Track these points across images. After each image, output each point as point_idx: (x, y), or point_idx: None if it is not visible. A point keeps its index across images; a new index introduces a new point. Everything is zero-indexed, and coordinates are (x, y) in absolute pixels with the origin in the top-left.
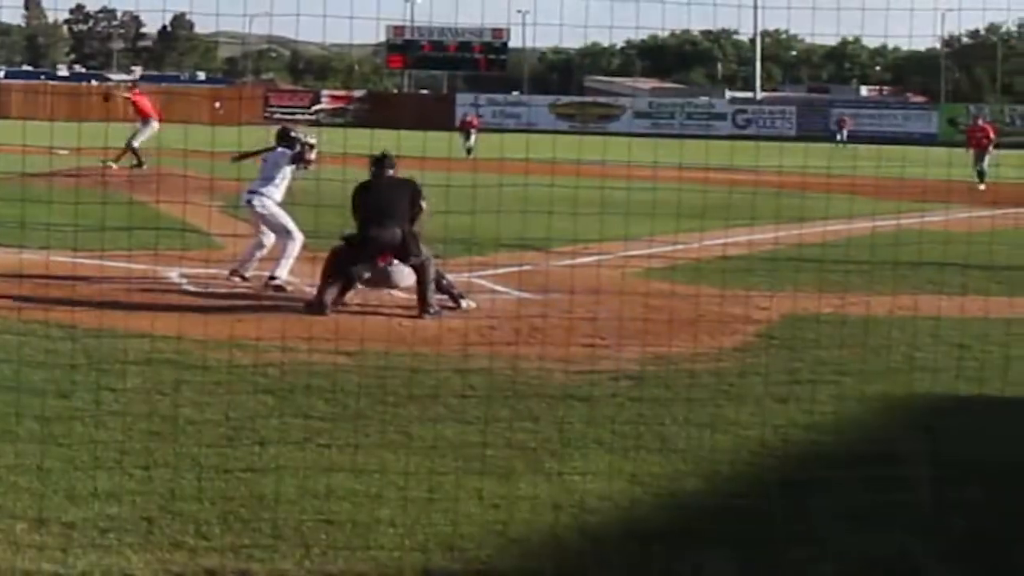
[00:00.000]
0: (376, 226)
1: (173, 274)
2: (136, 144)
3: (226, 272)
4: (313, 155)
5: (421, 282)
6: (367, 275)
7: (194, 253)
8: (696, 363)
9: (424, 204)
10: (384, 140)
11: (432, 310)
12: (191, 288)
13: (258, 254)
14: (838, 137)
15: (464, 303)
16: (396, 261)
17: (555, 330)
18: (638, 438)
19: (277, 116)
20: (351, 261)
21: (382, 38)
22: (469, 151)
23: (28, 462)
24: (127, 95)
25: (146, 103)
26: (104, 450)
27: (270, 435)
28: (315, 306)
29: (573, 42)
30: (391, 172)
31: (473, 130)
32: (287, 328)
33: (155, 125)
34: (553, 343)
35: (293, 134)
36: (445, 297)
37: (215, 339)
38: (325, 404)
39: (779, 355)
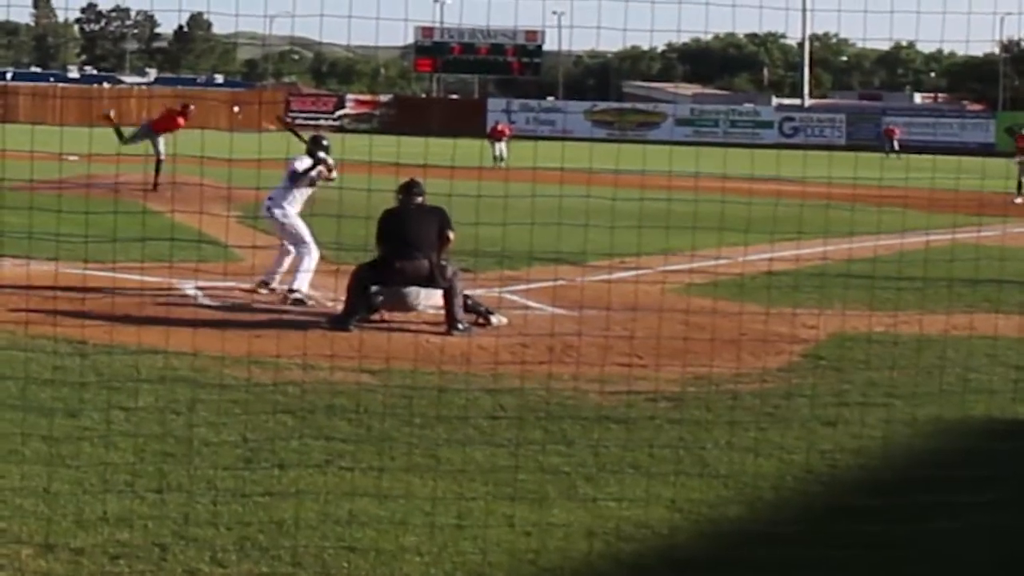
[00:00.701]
0: (402, 257)
1: (188, 287)
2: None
3: (248, 284)
4: (334, 174)
5: (448, 298)
6: (381, 298)
7: (210, 265)
8: (739, 384)
9: (451, 235)
10: (412, 147)
11: (461, 327)
12: (207, 302)
13: (285, 263)
14: (887, 148)
15: (495, 319)
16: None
17: (590, 348)
18: (677, 462)
19: (299, 121)
20: (372, 283)
21: (410, 40)
22: (499, 160)
23: (35, 484)
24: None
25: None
26: (114, 472)
27: (290, 457)
28: (339, 322)
29: (611, 45)
30: (420, 200)
31: (504, 139)
32: (308, 344)
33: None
34: (588, 362)
35: (325, 143)
36: (473, 316)
37: (232, 356)
38: (348, 425)
39: (827, 376)
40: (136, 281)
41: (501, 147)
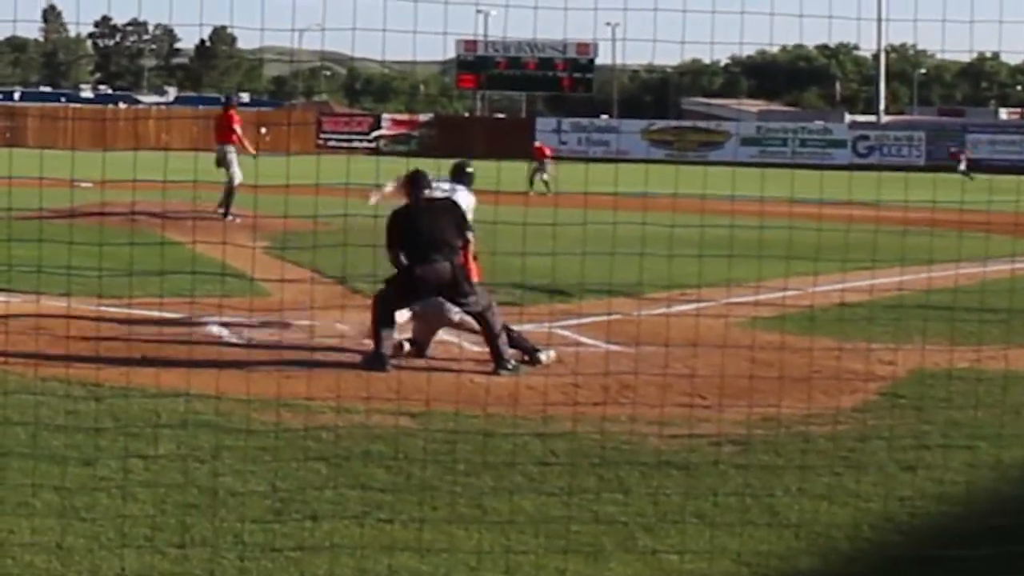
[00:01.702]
0: (421, 263)
1: (211, 324)
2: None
3: (272, 319)
4: (372, 200)
5: (489, 333)
6: (416, 309)
7: (235, 300)
8: (810, 426)
9: (471, 235)
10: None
11: (509, 365)
12: (232, 340)
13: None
14: (959, 168)
15: (543, 355)
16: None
17: (648, 388)
18: (744, 511)
19: (332, 143)
20: (398, 303)
21: (451, 54)
22: (545, 183)
23: (47, 539)
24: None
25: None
26: (133, 526)
27: (323, 509)
28: (373, 361)
29: (669, 58)
30: (428, 193)
31: (547, 161)
32: (342, 385)
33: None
34: (646, 403)
35: (469, 170)
36: (519, 352)
37: (260, 398)
38: (386, 473)
39: (905, 416)
40: (155, 317)
41: (546, 169)
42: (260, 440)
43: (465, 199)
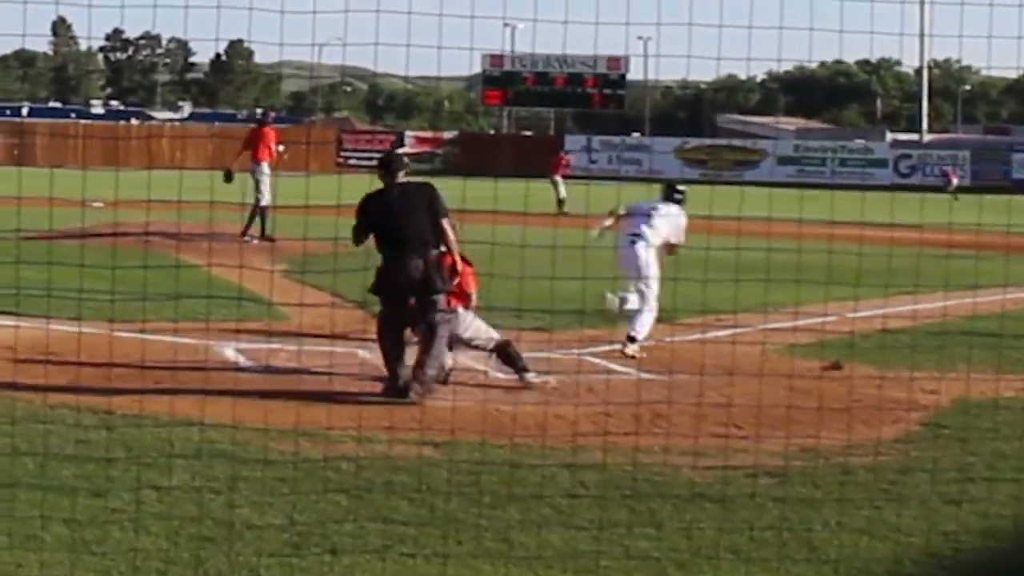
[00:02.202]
0: (391, 259)
1: (228, 350)
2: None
3: (290, 346)
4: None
5: (427, 349)
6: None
7: (252, 324)
8: (850, 457)
9: (446, 224)
10: (479, 190)
11: (413, 394)
12: (249, 366)
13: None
14: (949, 188)
15: (533, 376)
16: (460, 308)
17: (682, 417)
18: (781, 546)
19: (352, 162)
20: (394, 317)
21: (477, 69)
22: (560, 202)
23: (56, 574)
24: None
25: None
26: (146, 559)
27: (343, 542)
28: (392, 388)
29: (704, 74)
30: (402, 176)
31: (559, 177)
32: (363, 414)
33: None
34: (680, 433)
35: (682, 188)
36: (510, 369)
37: (277, 427)
38: (409, 505)
39: (949, 448)
40: (168, 343)
41: (559, 185)
42: (278, 471)
43: (677, 220)
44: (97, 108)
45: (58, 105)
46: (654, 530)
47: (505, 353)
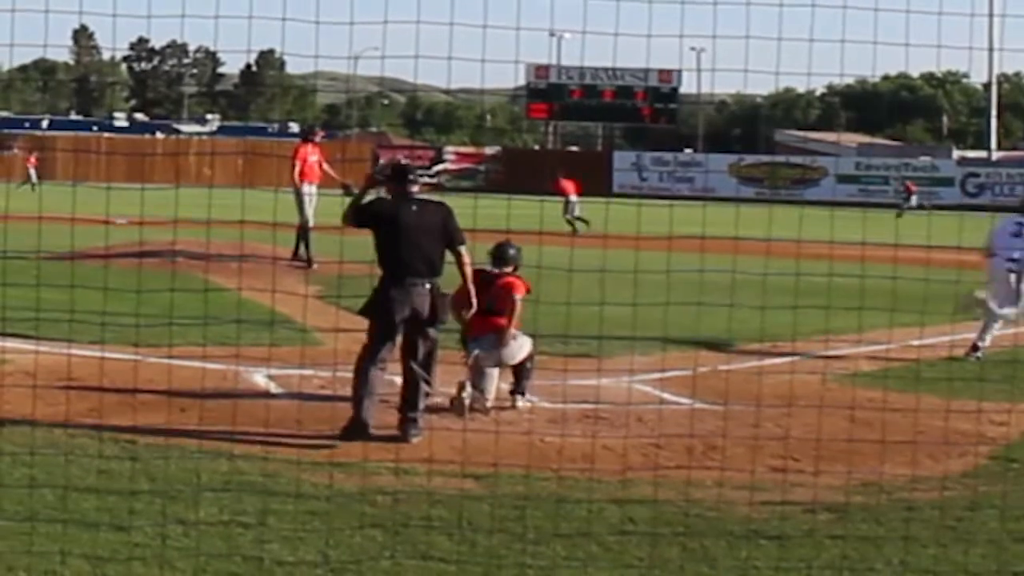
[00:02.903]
0: (395, 283)
1: (258, 376)
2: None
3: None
4: None
5: (415, 381)
6: (477, 352)
7: (285, 350)
8: (914, 492)
9: (464, 251)
10: (523, 209)
11: (416, 426)
12: (280, 393)
13: (995, 326)
14: (904, 205)
15: (520, 401)
16: (517, 333)
17: (737, 449)
18: None
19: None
20: (379, 344)
21: (521, 81)
22: (570, 222)
23: None
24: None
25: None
26: None
27: None
28: (356, 428)
29: (760, 87)
30: (416, 191)
31: (573, 197)
32: (401, 444)
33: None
34: (735, 466)
35: None
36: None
37: (310, 458)
38: (449, 541)
39: (1020, 483)
40: (196, 369)
41: (572, 207)
42: (311, 504)
43: None
44: (121, 121)
45: (80, 118)
46: (707, 568)
47: (522, 366)
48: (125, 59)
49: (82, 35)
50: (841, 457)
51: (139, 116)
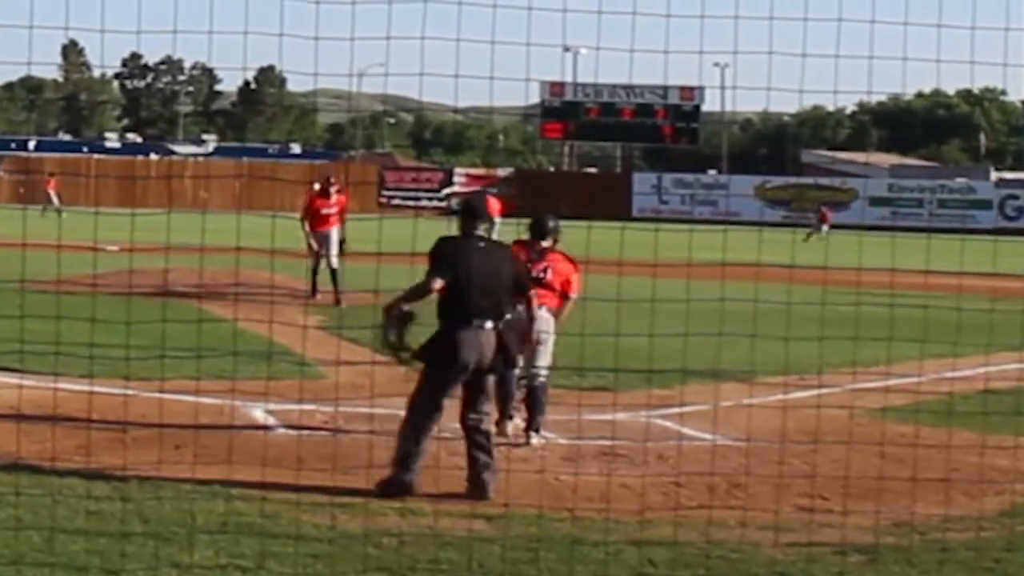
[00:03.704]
0: (460, 324)
1: (256, 411)
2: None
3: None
4: None
5: (484, 437)
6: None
7: (284, 384)
8: (948, 532)
9: (532, 294)
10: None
11: (493, 477)
12: (280, 429)
13: None
14: (814, 229)
15: (535, 439)
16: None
17: (761, 488)
18: None
19: (396, 202)
20: (440, 393)
21: (535, 99)
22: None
23: None
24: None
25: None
26: None
27: None
28: (398, 482)
29: (787, 105)
30: (484, 232)
31: (497, 218)
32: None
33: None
34: (759, 505)
35: None
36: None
37: (311, 498)
38: None
39: None
40: (190, 404)
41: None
42: (312, 547)
43: None
44: (112, 142)
45: (68, 138)
46: None
47: (537, 400)
48: (117, 76)
49: (71, 51)
50: (871, 495)
51: (132, 136)
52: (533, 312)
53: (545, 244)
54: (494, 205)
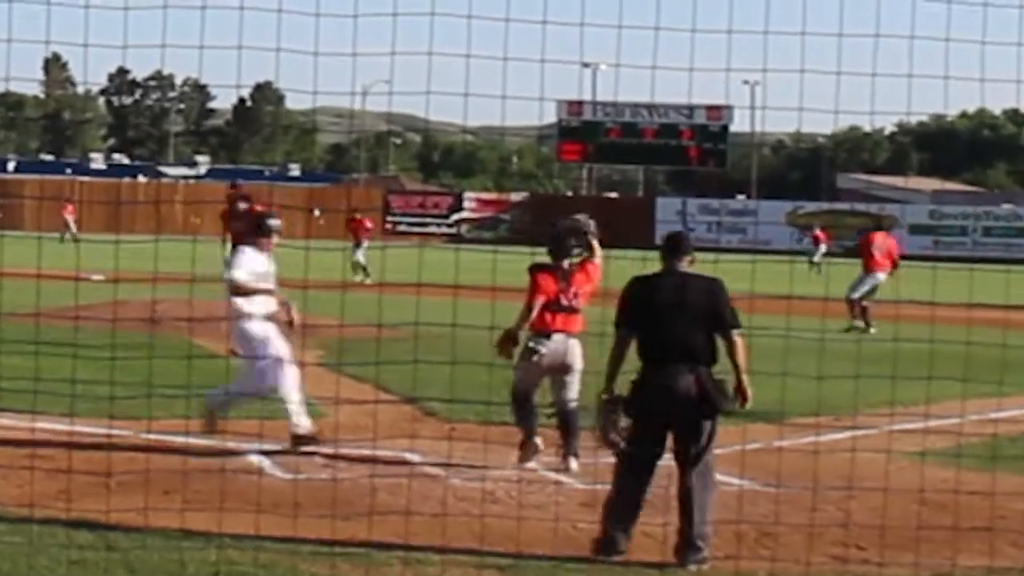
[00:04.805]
0: (652, 368)
1: (250, 453)
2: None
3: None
4: None
5: (693, 495)
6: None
7: (281, 423)
8: None
9: (739, 338)
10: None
11: (700, 550)
12: (276, 473)
13: None
14: (815, 258)
15: (574, 463)
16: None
17: (793, 536)
18: None
19: (402, 228)
20: (654, 456)
21: (551, 118)
22: (364, 268)
23: None
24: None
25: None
26: None
27: None
28: (608, 544)
29: (822, 125)
30: (687, 263)
31: (365, 240)
32: (411, 529)
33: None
34: (790, 556)
35: None
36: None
37: (310, 546)
38: None
39: None
40: (179, 444)
41: (360, 251)
42: None
43: None
44: (97, 163)
45: (50, 158)
46: None
47: (572, 420)
48: (103, 92)
49: (54, 65)
50: (910, 545)
51: (118, 157)
52: (739, 360)
53: (567, 264)
54: (363, 227)
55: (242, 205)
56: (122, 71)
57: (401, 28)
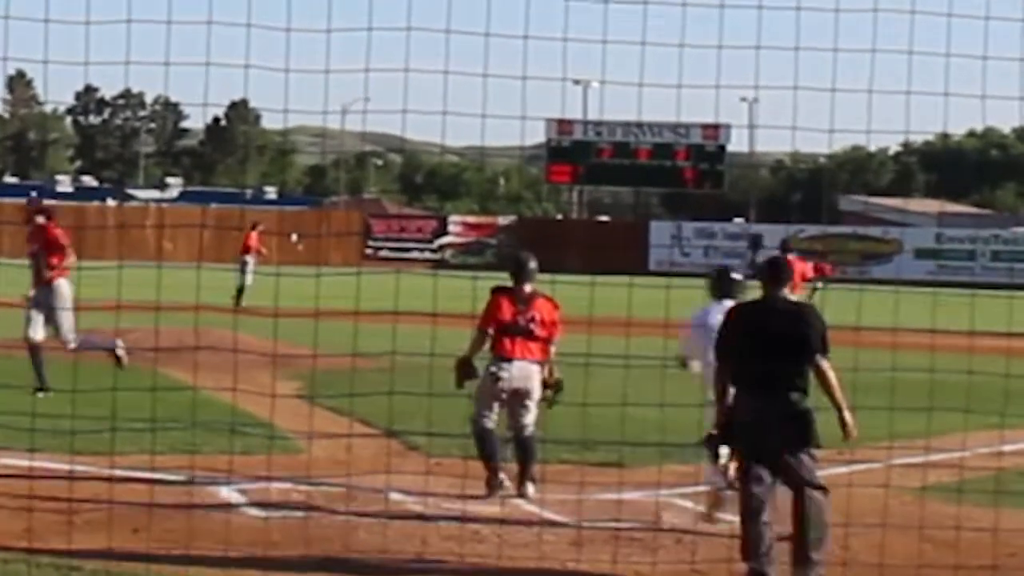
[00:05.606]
0: (747, 394)
1: (223, 490)
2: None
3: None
4: None
5: (804, 522)
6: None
7: (255, 459)
8: None
9: (827, 365)
10: (543, 289)
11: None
12: (251, 511)
13: None
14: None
15: (532, 489)
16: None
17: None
18: None
19: (383, 253)
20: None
21: (540, 137)
22: (239, 292)
23: None
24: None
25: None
26: None
27: None
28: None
29: (822, 145)
30: (789, 290)
31: (253, 255)
32: (396, 570)
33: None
34: None
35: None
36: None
37: None
38: None
39: None
40: (146, 480)
41: (247, 272)
42: None
43: None
44: (64, 185)
45: (14, 180)
46: None
47: (529, 445)
48: (69, 111)
49: (18, 83)
50: None
51: (86, 179)
52: (831, 388)
53: (529, 289)
54: (253, 238)
55: (40, 219)
56: (89, 89)
57: (383, 44)
